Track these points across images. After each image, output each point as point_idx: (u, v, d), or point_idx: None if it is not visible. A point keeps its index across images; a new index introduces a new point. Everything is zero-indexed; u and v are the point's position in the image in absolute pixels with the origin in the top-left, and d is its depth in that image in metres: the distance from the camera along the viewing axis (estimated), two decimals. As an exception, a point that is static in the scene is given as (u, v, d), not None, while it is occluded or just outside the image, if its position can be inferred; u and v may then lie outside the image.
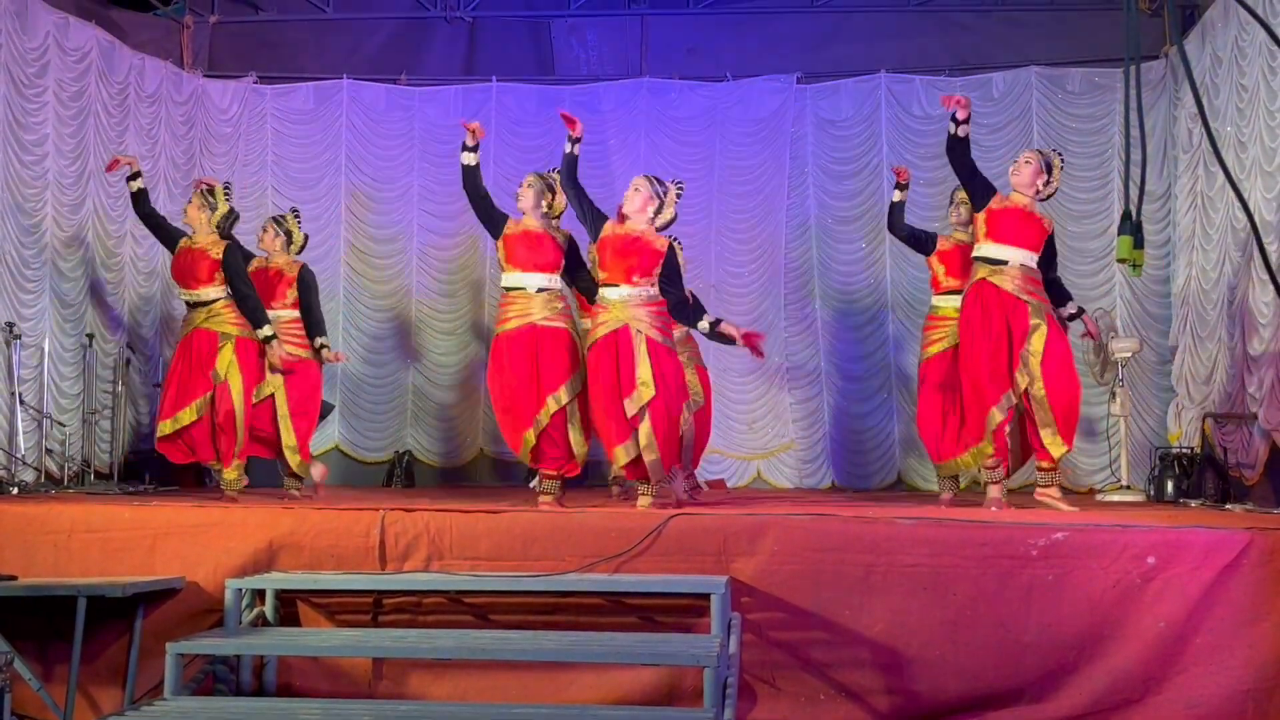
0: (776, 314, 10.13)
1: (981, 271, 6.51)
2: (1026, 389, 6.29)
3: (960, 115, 6.66)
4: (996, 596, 5.04)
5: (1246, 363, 7.42)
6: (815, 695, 5.09)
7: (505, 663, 5.07)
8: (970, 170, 6.75)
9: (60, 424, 8.42)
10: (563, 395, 6.35)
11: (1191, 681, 4.86)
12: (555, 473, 6.44)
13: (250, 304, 7.06)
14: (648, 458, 6.16)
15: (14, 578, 5.31)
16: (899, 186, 7.52)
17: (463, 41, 10.79)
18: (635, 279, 6.25)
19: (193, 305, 7.12)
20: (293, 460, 7.53)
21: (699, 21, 10.60)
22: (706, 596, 4.97)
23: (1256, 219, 7.05)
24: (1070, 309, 6.72)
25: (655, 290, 6.33)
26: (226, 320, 7.03)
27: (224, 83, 10.39)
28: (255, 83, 10.44)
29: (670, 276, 6.41)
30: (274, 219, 7.96)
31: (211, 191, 7.19)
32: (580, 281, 6.73)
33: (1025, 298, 6.39)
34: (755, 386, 10.11)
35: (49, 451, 8.23)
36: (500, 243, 6.61)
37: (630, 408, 6.13)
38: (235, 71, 10.48)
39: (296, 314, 7.75)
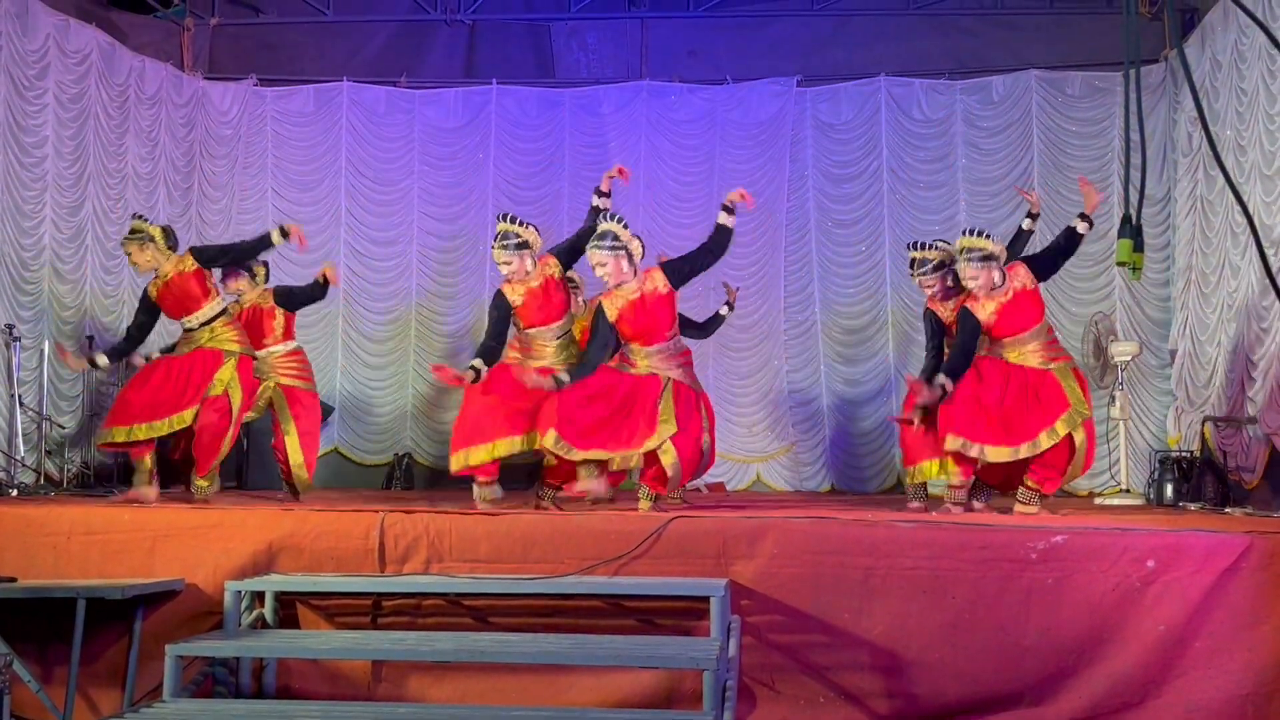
0: (775, 317, 10.13)
1: (997, 350, 6.45)
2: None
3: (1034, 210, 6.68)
4: (996, 600, 5.04)
5: (1246, 366, 7.43)
6: (815, 698, 5.09)
7: (505, 665, 5.07)
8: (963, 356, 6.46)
9: (60, 426, 8.42)
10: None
11: (1191, 685, 4.86)
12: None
13: (240, 251, 7.09)
14: (669, 474, 6.21)
15: (13, 579, 5.31)
16: (1031, 215, 6.99)
17: (463, 44, 10.80)
18: (667, 335, 6.30)
19: (194, 329, 6.91)
20: (300, 477, 7.40)
21: (699, 24, 10.61)
22: (706, 599, 4.97)
23: (1256, 222, 7.06)
24: (1077, 222, 6.39)
25: (680, 340, 6.41)
26: (228, 338, 6.93)
27: (224, 85, 10.40)
28: (255, 85, 10.45)
29: (693, 264, 6.38)
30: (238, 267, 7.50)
31: (134, 232, 6.86)
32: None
33: (1050, 366, 6.34)
34: (755, 390, 10.11)
35: (48, 453, 8.23)
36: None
37: (655, 445, 6.14)
38: (235, 74, 10.49)
39: (291, 345, 7.57)
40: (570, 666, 5.03)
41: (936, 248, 6.79)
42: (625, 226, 6.24)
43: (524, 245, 6.44)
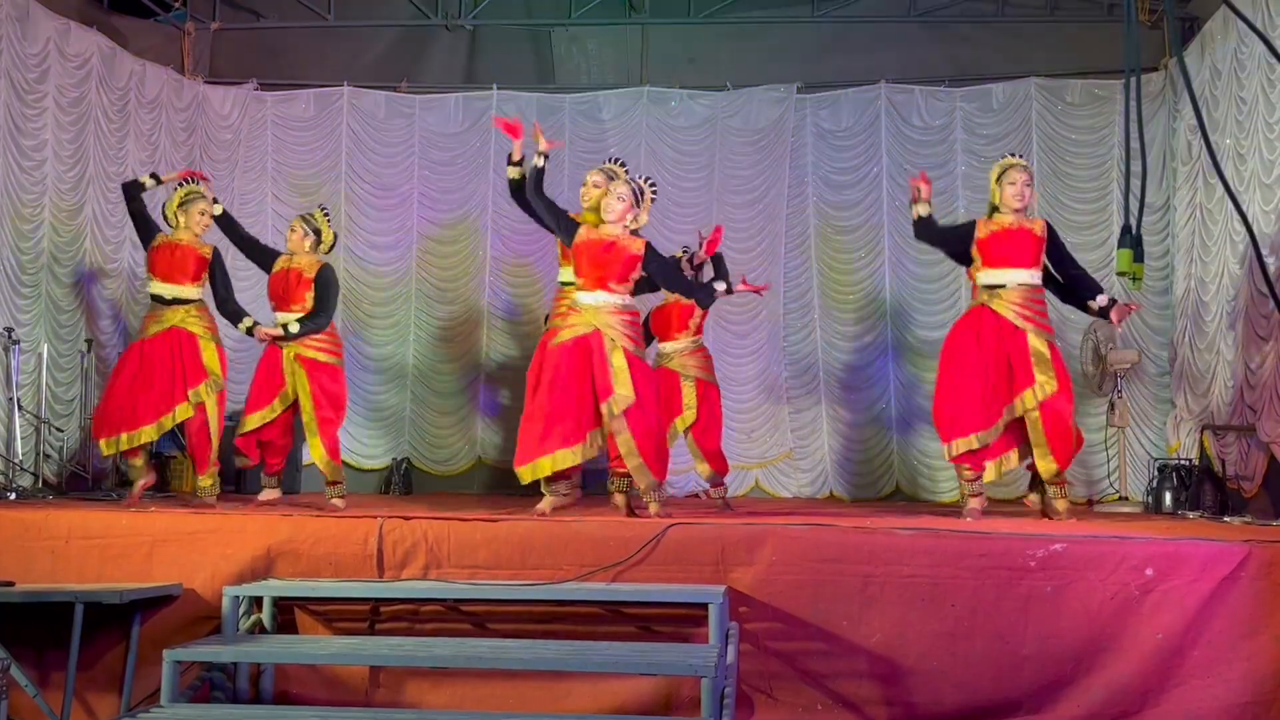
0: (775, 323, 10.13)
1: (981, 297, 6.58)
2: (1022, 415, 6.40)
3: (924, 195, 6.73)
4: (995, 608, 5.04)
5: (1245, 375, 7.42)
6: (813, 705, 5.09)
7: (503, 671, 5.07)
8: (941, 238, 6.89)
9: (58, 429, 8.41)
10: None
11: (1190, 694, 4.86)
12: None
13: (230, 308, 7.22)
14: (630, 464, 6.20)
15: (11, 584, 5.31)
16: (919, 201, 6.97)
17: (463, 50, 10.80)
18: (611, 285, 6.27)
19: (169, 301, 7.12)
20: (325, 468, 7.19)
21: (699, 31, 10.61)
22: (704, 606, 4.97)
23: (1255, 231, 7.06)
24: (1100, 302, 6.54)
25: (630, 300, 6.37)
26: (201, 323, 7.10)
27: (225, 89, 10.40)
28: (256, 89, 10.45)
29: (664, 271, 6.46)
30: (302, 217, 7.52)
31: (202, 195, 7.31)
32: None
33: (1023, 324, 6.41)
34: (754, 396, 10.10)
35: (46, 457, 8.22)
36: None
37: (607, 413, 6.14)
38: (236, 78, 10.48)
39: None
40: (568, 673, 5.03)
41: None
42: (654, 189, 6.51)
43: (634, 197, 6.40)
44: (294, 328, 7.07)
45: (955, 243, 6.82)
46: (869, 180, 10.09)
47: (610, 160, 6.85)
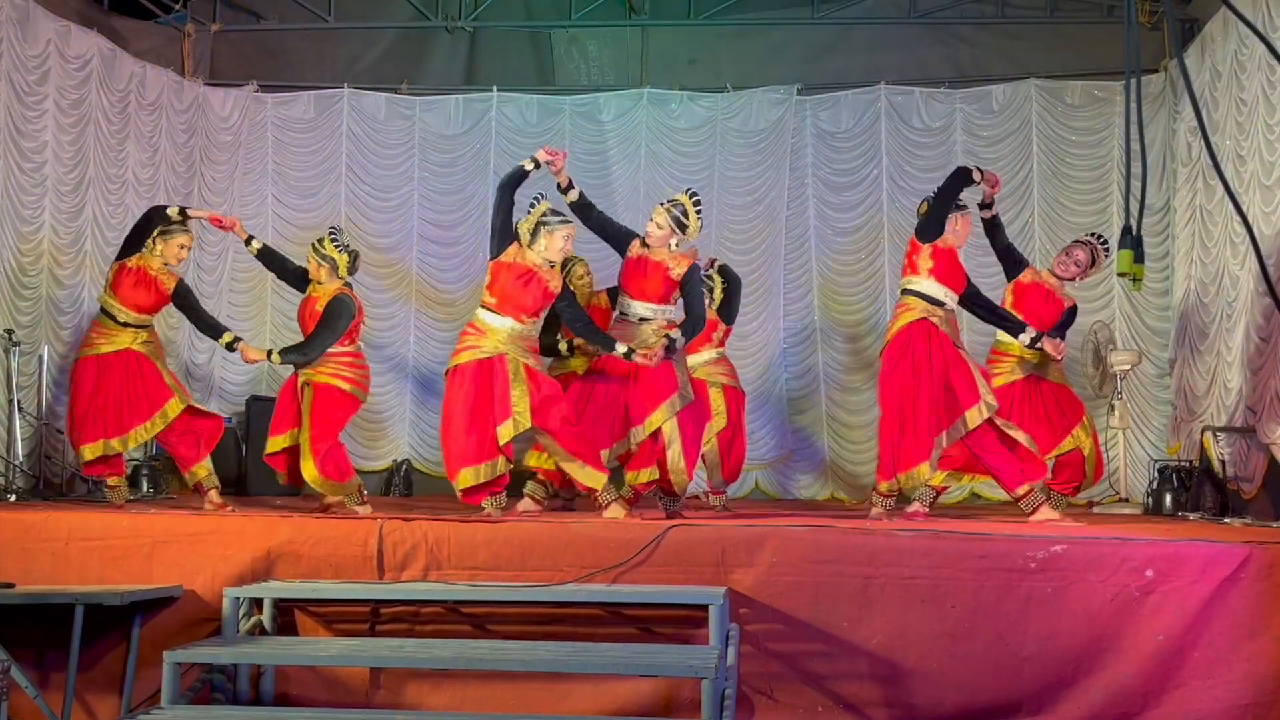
0: (775, 325, 10.13)
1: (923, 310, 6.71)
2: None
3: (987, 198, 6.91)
4: (995, 609, 5.04)
5: (1245, 376, 7.42)
6: (813, 707, 5.09)
7: (503, 673, 5.07)
8: (1004, 250, 7.21)
9: (58, 431, 8.41)
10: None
11: (1190, 696, 4.86)
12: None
13: (209, 331, 7.23)
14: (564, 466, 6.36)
15: (11, 585, 5.30)
16: (985, 205, 7.14)
17: (463, 51, 10.81)
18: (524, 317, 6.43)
19: (125, 325, 7.14)
20: (319, 486, 7.04)
21: (699, 33, 10.62)
22: (704, 607, 4.97)
23: (1255, 232, 7.06)
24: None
25: (534, 328, 6.48)
26: (150, 347, 7.21)
27: (225, 91, 10.40)
28: (256, 91, 10.45)
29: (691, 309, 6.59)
30: (313, 246, 7.30)
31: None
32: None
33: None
34: (754, 398, 10.08)
35: (46, 459, 8.22)
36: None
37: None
38: (236, 80, 10.49)
39: (348, 347, 7.21)
40: (568, 674, 5.03)
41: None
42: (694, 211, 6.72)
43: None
44: (275, 358, 6.99)
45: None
46: (869, 182, 10.09)
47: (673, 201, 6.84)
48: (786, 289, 10.16)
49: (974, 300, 6.79)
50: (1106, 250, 7.34)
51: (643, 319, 6.57)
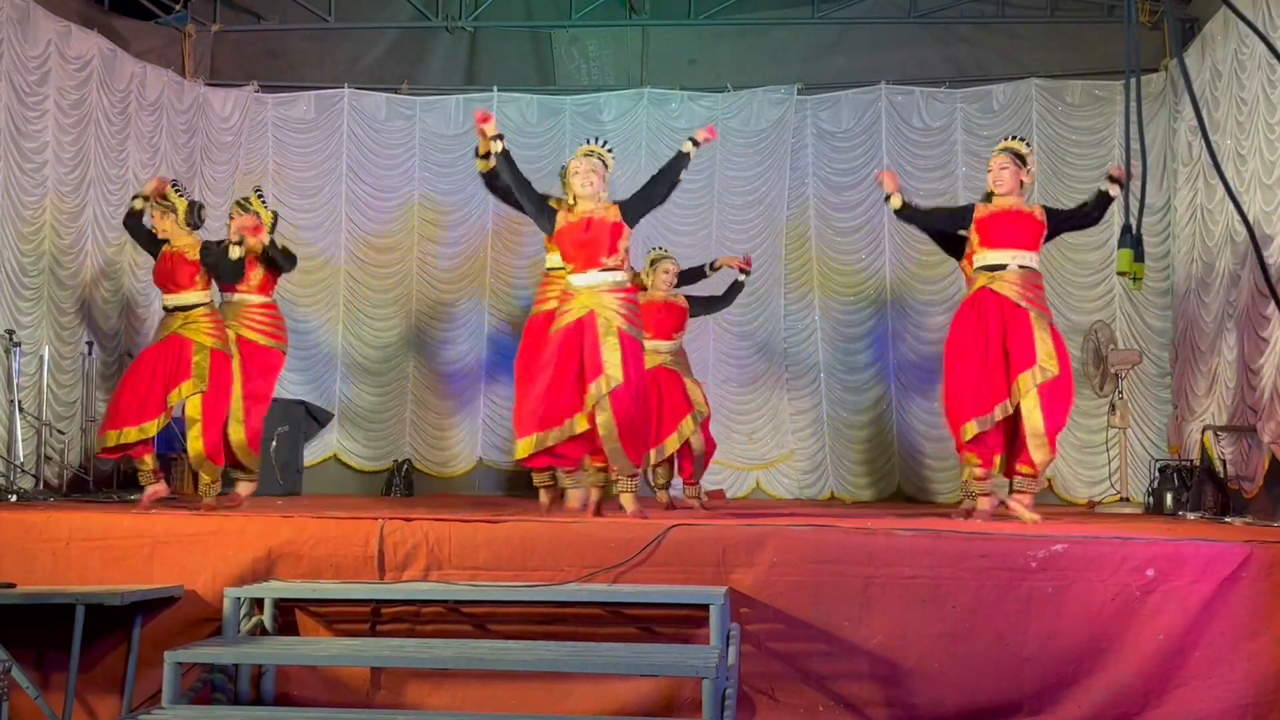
0: (776, 325, 10.14)
1: (980, 280, 6.55)
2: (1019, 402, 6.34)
3: (889, 189, 6.82)
4: (995, 609, 5.04)
5: (1246, 375, 7.42)
6: (814, 707, 5.09)
7: (504, 673, 5.07)
8: (929, 226, 6.97)
9: (59, 432, 8.41)
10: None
11: (1191, 695, 4.86)
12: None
13: (226, 268, 7.00)
14: (608, 447, 6.12)
15: (12, 585, 5.31)
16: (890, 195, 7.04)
17: (464, 51, 10.81)
18: (603, 261, 6.21)
19: (171, 310, 7.01)
20: (241, 451, 7.10)
21: (700, 32, 10.62)
22: (705, 607, 4.97)
23: (1256, 232, 7.06)
24: (1105, 188, 6.56)
25: (625, 276, 6.29)
26: (202, 329, 6.94)
27: (225, 91, 10.40)
28: (256, 91, 10.46)
29: (644, 197, 6.47)
30: (237, 203, 7.49)
31: (164, 197, 7.03)
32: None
33: (1026, 305, 6.41)
34: (755, 397, 10.11)
35: (47, 459, 8.23)
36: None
37: (592, 393, 6.05)
38: (237, 80, 10.50)
39: (263, 299, 7.35)
40: (569, 674, 5.03)
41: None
42: (610, 152, 6.40)
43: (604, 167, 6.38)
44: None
45: (945, 221, 6.88)
46: (869, 181, 10.07)
47: (590, 142, 6.64)
48: (787, 288, 10.17)
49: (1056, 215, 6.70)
50: (1025, 142, 6.87)
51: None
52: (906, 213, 6.84)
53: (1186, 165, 8.92)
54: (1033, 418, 6.31)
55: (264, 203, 7.48)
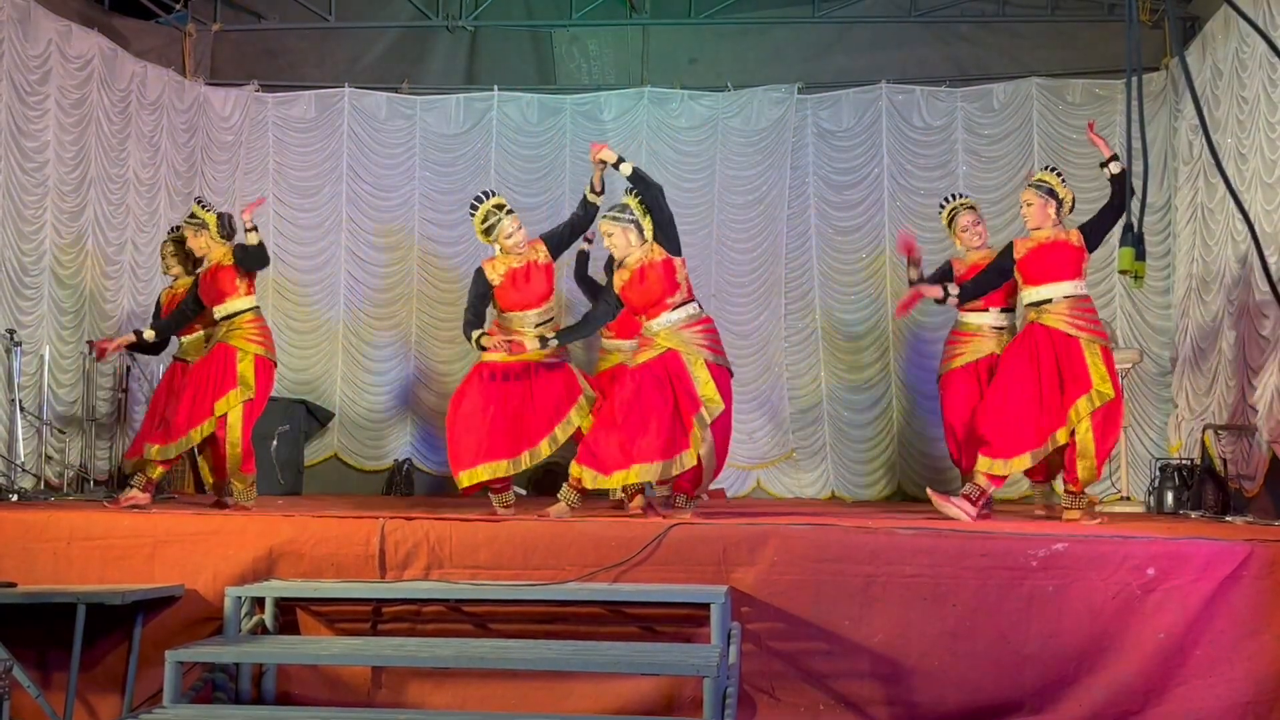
0: (776, 324, 10.13)
1: (1030, 315, 6.59)
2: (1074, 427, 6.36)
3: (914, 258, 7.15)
4: (997, 607, 5.04)
5: (1247, 374, 7.42)
6: (815, 706, 5.09)
7: (504, 672, 5.07)
8: (987, 290, 6.91)
9: (60, 431, 8.42)
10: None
11: (1192, 694, 4.86)
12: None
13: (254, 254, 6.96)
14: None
15: (13, 585, 5.31)
16: (912, 263, 7.35)
17: (464, 51, 10.81)
18: (667, 301, 6.27)
19: (218, 321, 7.03)
20: (235, 469, 6.96)
21: (700, 31, 10.62)
22: (706, 606, 4.97)
23: (1257, 230, 7.06)
24: (1110, 171, 6.61)
25: (695, 308, 6.35)
26: (247, 335, 6.95)
27: (226, 91, 10.40)
28: (257, 91, 10.46)
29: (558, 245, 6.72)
30: (185, 220, 7.33)
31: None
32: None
33: (1075, 332, 6.39)
34: (755, 396, 10.10)
35: (48, 459, 8.23)
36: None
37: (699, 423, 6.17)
38: (237, 79, 10.49)
39: (247, 305, 7.14)
40: (570, 673, 5.03)
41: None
42: (640, 202, 6.32)
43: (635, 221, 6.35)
44: None
45: (996, 279, 6.82)
46: (870, 180, 10.09)
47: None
48: (788, 288, 10.16)
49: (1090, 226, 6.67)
50: (1055, 171, 6.92)
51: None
52: (966, 295, 6.84)
53: (1187, 164, 8.92)
54: (1085, 441, 6.33)
55: (205, 207, 7.22)
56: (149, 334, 7.25)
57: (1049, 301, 6.47)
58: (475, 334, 6.49)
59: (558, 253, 6.77)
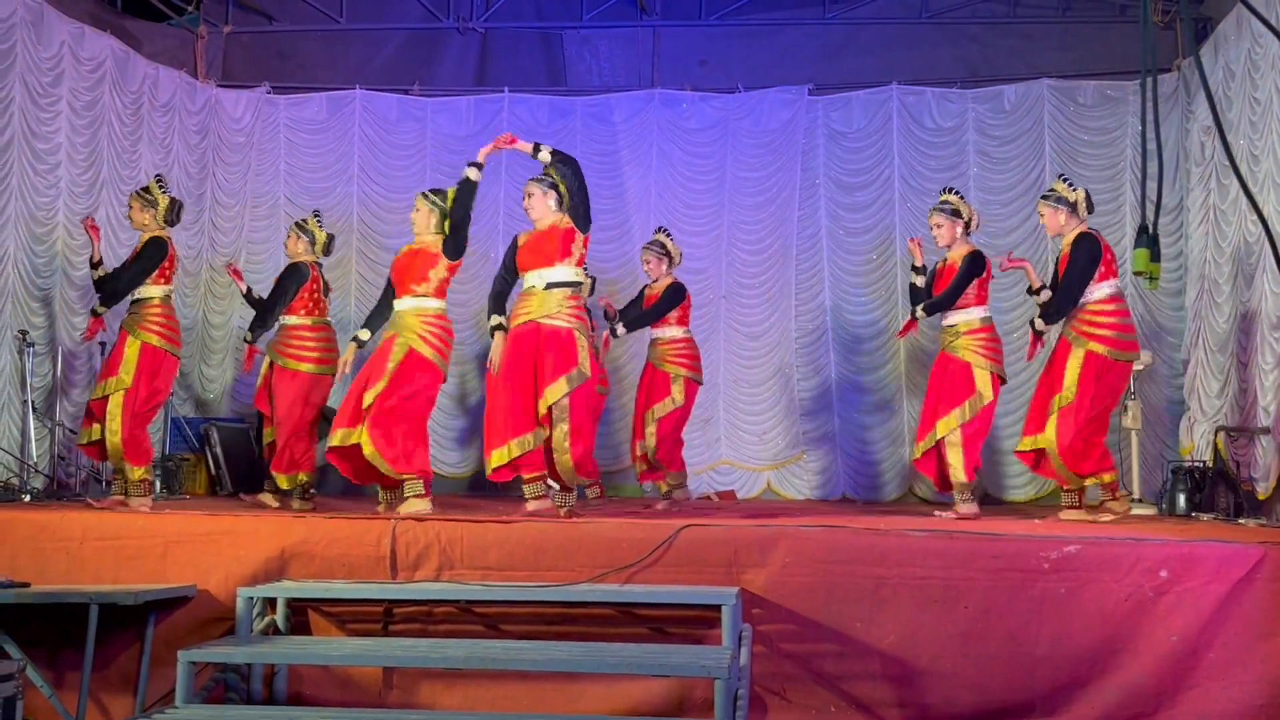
0: (787, 325, 10.13)
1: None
2: None
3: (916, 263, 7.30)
4: (1008, 609, 5.03)
5: (1259, 376, 7.40)
6: (826, 707, 5.08)
7: (515, 673, 5.07)
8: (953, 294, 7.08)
9: (71, 432, 8.43)
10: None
11: (1205, 696, 4.84)
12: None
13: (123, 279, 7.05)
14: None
15: (27, 585, 5.32)
16: (917, 270, 7.41)
17: (475, 52, 10.83)
18: (555, 263, 6.33)
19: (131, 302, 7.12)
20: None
21: (710, 33, 10.62)
22: (717, 608, 4.97)
23: (1271, 231, 7.01)
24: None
25: (578, 277, 6.44)
26: (144, 321, 7.04)
27: (237, 92, 10.43)
28: (268, 92, 10.48)
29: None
30: (296, 224, 7.83)
31: (147, 191, 7.23)
32: None
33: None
34: (766, 398, 10.10)
35: (60, 459, 8.25)
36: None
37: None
38: (249, 81, 10.52)
39: (300, 319, 7.56)
40: (581, 674, 5.03)
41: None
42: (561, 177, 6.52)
43: (555, 187, 6.54)
44: (247, 337, 7.40)
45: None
46: (881, 182, 10.08)
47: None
48: (799, 289, 10.16)
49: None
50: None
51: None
52: (931, 310, 7.09)
53: (1200, 165, 8.89)
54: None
55: (320, 224, 7.78)
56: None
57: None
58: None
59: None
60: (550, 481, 6.31)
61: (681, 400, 8.06)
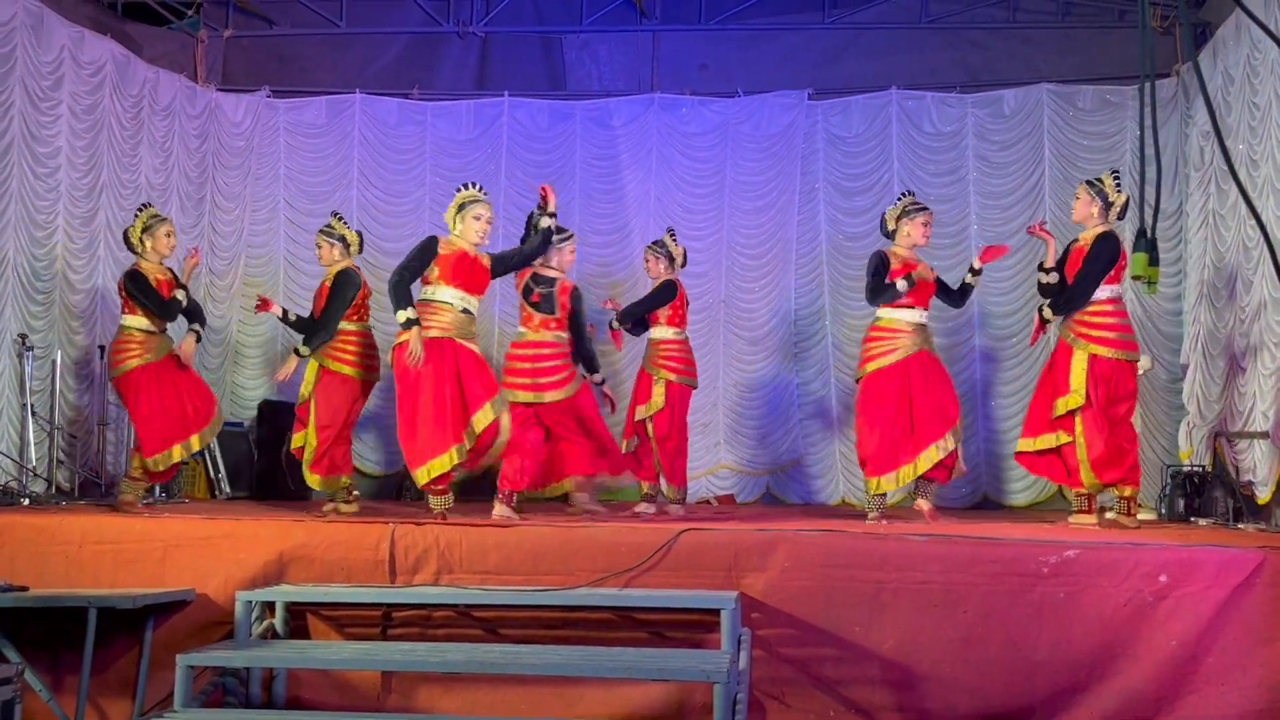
0: (786, 330, 10.13)
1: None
2: None
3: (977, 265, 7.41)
4: (1008, 614, 5.03)
5: (1258, 381, 7.40)
6: (825, 712, 5.08)
7: (514, 677, 5.07)
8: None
9: (71, 436, 8.44)
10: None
11: (1204, 701, 4.84)
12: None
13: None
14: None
15: (25, 588, 5.32)
16: (975, 271, 7.46)
17: (475, 56, 10.83)
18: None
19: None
20: (308, 477, 7.23)
21: (710, 37, 10.63)
22: (716, 612, 4.97)
23: (1270, 236, 7.02)
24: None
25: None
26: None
27: (237, 96, 10.44)
28: (268, 96, 10.49)
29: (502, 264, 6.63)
30: (322, 231, 7.49)
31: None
32: None
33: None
34: (766, 401, 10.10)
35: (59, 463, 8.24)
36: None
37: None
38: (248, 85, 10.53)
39: (349, 325, 7.32)
40: (580, 678, 5.03)
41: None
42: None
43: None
44: (303, 350, 7.15)
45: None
46: (880, 186, 10.08)
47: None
48: (798, 294, 10.16)
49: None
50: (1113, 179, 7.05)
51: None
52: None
53: (1199, 170, 8.89)
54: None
55: (346, 224, 7.61)
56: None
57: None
58: None
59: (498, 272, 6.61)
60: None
61: (662, 403, 7.66)
